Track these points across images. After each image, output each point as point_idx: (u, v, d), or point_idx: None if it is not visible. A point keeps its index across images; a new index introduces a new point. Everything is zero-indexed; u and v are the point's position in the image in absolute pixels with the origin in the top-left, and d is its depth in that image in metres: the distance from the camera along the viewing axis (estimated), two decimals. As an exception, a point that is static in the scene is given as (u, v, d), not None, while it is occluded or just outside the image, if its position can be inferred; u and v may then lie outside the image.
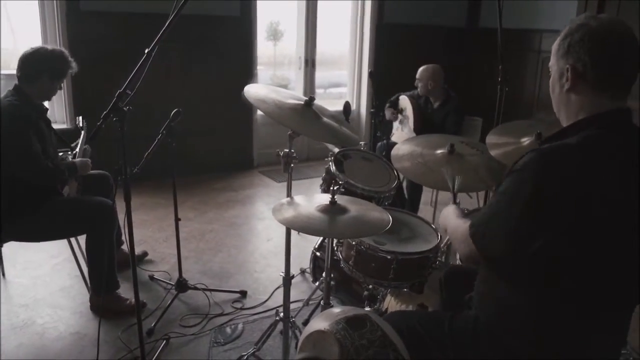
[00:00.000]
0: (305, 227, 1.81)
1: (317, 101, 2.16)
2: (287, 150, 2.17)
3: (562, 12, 5.72)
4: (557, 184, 1.32)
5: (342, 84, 7.16)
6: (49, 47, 2.83)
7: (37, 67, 2.74)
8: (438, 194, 4.49)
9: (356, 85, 6.57)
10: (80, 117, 3.19)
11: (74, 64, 2.87)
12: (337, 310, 1.58)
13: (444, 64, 4.37)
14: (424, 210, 4.46)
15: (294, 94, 2.26)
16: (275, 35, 7.10)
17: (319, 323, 1.50)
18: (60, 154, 2.98)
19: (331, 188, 1.89)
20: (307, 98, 2.11)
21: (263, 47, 6.16)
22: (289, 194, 2.20)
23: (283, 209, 1.90)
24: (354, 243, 2.10)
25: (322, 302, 2.09)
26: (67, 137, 3.19)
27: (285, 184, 5.20)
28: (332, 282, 2.65)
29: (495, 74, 3.16)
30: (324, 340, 1.43)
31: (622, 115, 1.42)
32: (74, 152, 3.01)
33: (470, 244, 1.49)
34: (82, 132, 3.14)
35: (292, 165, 2.18)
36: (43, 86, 2.78)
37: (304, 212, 1.86)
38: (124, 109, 1.96)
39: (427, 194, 4.50)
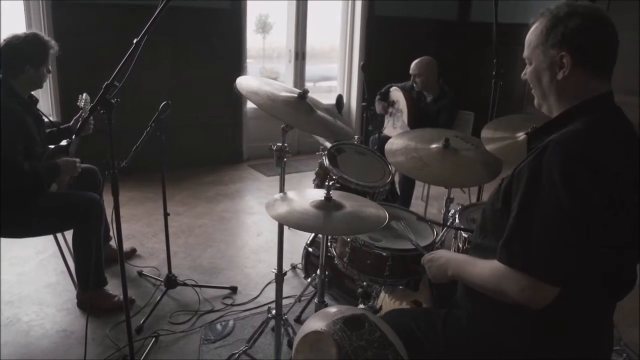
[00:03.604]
0: (299, 223, 1.76)
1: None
2: (280, 144, 2.11)
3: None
4: (584, 169, 1.28)
5: (332, 78, 7.10)
6: (21, 34, 2.68)
7: (16, 60, 2.64)
8: (430, 188, 4.46)
9: (347, 78, 6.52)
10: (84, 94, 2.94)
11: (52, 43, 2.75)
12: (333, 309, 1.54)
13: (435, 57, 4.33)
14: (416, 204, 4.43)
15: (287, 87, 2.20)
16: (264, 28, 7.03)
17: (315, 323, 1.46)
18: (52, 146, 2.85)
19: (326, 183, 1.85)
20: (300, 91, 2.06)
21: (252, 40, 6.09)
22: (282, 189, 2.15)
23: (276, 204, 1.86)
24: (348, 240, 2.06)
25: (316, 300, 2.05)
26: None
27: (275, 177, 5.23)
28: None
29: (486, 68, 3.13)
30: (321, 341, 1.39)
31: (611, 98, 1.45)
32: (69, 140, 2.88)
33: (520, 278, 1.31)
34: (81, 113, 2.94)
35: (285, 159, 2.13)
36: (29, 76, 2.70)
37: (298, 208, 1.82)
38: (112, 101, 1.91)
39: (418, 189, 4.48)
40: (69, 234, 3.00)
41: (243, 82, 2.01)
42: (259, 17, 6.88)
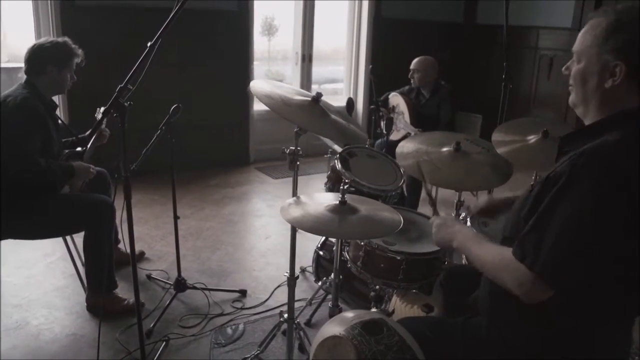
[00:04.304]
0: (315, 227, 1.76)
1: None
2: (293, 147, 2.11)
3: (560, 10, 5.71)
4: (615, 181, 1.26)
5: (336, 80, 7.09)
6: (52, 38, 2.82)
7: (41, 58, 2.72)
8: (438, 191, 4.44)
9: (353, 80, 6.51)
10: (102, 108, 3.03)
11: (79, 52, 2.85)
12: (350, 314, 1.54)
13: (442, 59, 4.36)
14: (422, 207, 4.41)
15: (300, 90, 2.20)
16: (269, 30, 7.03)
17: (333, 328, 1.45)
18: (66, 150, 2.90)
19: (341, 187, 1.84)
20: (314, 94, 2.05)
21: (257, 42, 6.08)
22: (294, 193, 2.14)
23: (291, 208, 1.85)
24: (362, 243, 2.06)
25: (330, 304, 2.04)
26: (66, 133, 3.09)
27: (282, 180, 5.22)
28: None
29: (493, 71, 3.13)
30: (339, 346, 1.38)
31: None
32: (84, 148, 2.92)
33: (523, 272, 1.33)
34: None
35: (298, 163, 2.13)
36: (51, 77, 2.75)
37: (313, 211, 1.81)
38: (125, 104, 1.90)
39: (424, 191, 4.46)
40: (77, 237, 3.00)
41: (257, 86, 2.01)
42: (265, 19, 6.88)
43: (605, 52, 1.34)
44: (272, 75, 7.14)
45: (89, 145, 2.87)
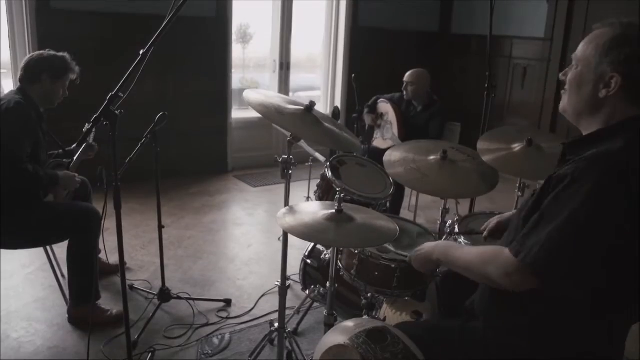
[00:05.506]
0: (311, 235, 1.76)
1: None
2: (286, 156, 2.11)
3: (532, 19, 5.84)
4: (617, 187, 1.29)
5: (310, 88, 7.10)
6: (53, 51, 2.84)
7: (37, 68, 2.74)
8: (419, 197, 4.49)
9: (330, 89, 6.52)
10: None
11: (76, 69, 2.85)
12: (351, 323, 1.54)
13: (419, 68, 4.38)
14: (404, 214, 4.45)
15: (290, 99, 2.20)
16: (244, 38, 7.02)
17: (337, 337, 1.45)
18: (52, 160, 2.87)
19: (338, 196, 1.84)
20: (307, 103, 2.06)
21: (232, 50, 6.07)
22: (287, 202, 2.15)
23: (287, 217, 1.85)
24: (356, 252, 2.06)
25: (325, 313, 2.03)
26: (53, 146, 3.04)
27: (261, 188, 5.20)
28: (322, 290, 2.60)
29: (470, 79, 3.19)
30: (345, 355, 1.38)
31: None
32: (70, 160, 2.89)
33: (508, 264, 1.37)
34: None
35: (290, 171, 2.13)
36: (44, 87, 2.74)
37: (309, 220, 1.81)
38: (116, 112, 1.89)
39: (405, 199, 4.50)
40: (57, 247, 2.93)
41: (251, 96, 2.01)
42: (240, 27, 6.87)
43: (605, 63, 1.37)
44: (247, 83, 7.12)
45: (75, 158, 2.83)
